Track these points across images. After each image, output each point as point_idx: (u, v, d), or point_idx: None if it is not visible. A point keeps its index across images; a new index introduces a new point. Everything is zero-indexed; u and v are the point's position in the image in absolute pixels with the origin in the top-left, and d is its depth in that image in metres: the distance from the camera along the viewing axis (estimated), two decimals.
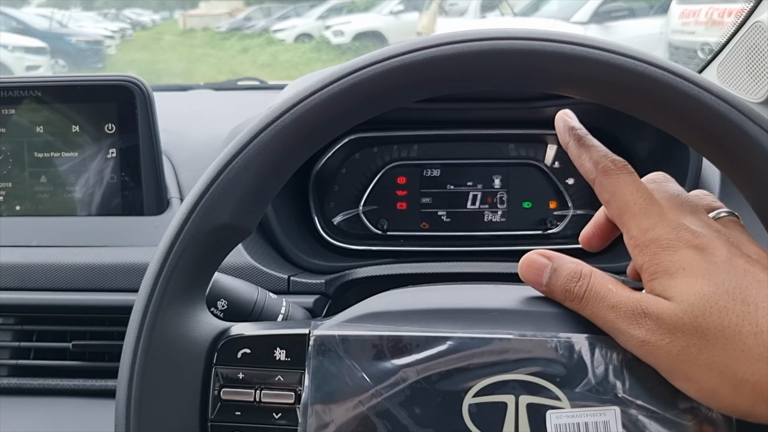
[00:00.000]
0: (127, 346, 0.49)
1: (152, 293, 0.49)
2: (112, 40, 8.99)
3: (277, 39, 8.75)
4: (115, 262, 0.82)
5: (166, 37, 9.81)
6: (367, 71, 0.48)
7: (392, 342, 0.49)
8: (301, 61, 7.80)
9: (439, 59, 0.47)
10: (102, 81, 0.85)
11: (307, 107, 0.49)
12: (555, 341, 0.49)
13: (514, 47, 0.46)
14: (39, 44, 7.41)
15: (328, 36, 8.34)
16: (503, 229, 0.97)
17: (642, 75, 0.45)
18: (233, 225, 0.50)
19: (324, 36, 8.42)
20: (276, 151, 0.49)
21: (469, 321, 0.51)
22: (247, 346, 0.51)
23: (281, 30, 8.74)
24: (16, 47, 7.22)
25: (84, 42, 8.34)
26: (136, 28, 9.98)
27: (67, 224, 0.86)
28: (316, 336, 0.50)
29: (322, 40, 8.42)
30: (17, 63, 7.04)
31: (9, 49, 7.07)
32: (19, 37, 7.44)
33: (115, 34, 9.13)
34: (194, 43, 9.54)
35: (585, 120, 0.93)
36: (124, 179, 0.86)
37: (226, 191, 0.49)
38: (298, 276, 0.82)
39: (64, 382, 0.81)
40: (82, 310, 0.80)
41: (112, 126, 0.86)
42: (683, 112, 0.46)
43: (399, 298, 0.54)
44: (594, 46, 0.46)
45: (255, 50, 8.58)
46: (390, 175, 0.98)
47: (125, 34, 9.48)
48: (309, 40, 8.57)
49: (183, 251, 0.49)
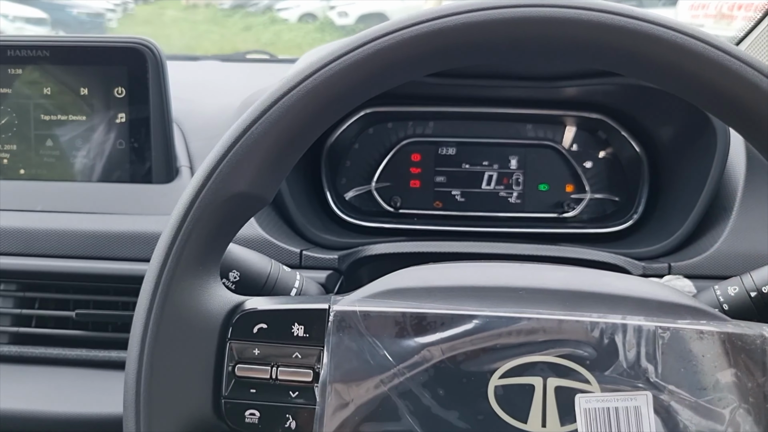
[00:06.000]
0: (137, 317, 0.47)
1: (165, 263, 0.47)
2: (114, 14, 8.91)
3: (281, 18, 8.68)
4: (122, 230, 0.79)
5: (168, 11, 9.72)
6: (395, 36, 0.46)
7: (416, 319, 0.47)
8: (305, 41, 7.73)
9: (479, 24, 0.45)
10: (113, 43, 0.83)
11: (330, 72, 0.47)
12: (586, 322, 0.47)
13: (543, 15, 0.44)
14: (40, 15, 7.34)
15: (332, 17, 8.27)
16: (518, 210, 0.95)
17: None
18: (251, 193, 0.48)
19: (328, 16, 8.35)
20: (298, 118, 0.47)
21: (496, 299, 0.49)
22: (264, 320, 0.49)
23: (285, 9, 8.67)
24: (16, 17, 7.15)
25: (85, 14, 8.28)
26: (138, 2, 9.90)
27: (72, 190, 0.84)
28: (337, 311, 0.48)
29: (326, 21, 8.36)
30: (17, 33, 6.98)
31: (9, 18, 7.00)
32: (20, 6, 7.38)
33: (117, 8, 9.04)
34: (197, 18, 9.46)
35: (607, 102, 0.92)
36: (133, 145, 0.84)
37: (245, 158, 0.47)
38: (311, 251, 0.80)
39: (66, 351, 0.79)
40: (87, 278, 0.78)
41: (122, 90, 0.83)
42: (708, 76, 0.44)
43: (423, 274, 0.52)
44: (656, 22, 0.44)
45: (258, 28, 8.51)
46: (404, 151, 0.96)
47: (127, 7, 9.38)
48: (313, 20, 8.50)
49: (198, 219, 0.47)
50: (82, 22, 8.10)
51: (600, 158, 0.94)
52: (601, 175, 0.94)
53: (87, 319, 0.79)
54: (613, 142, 0.93)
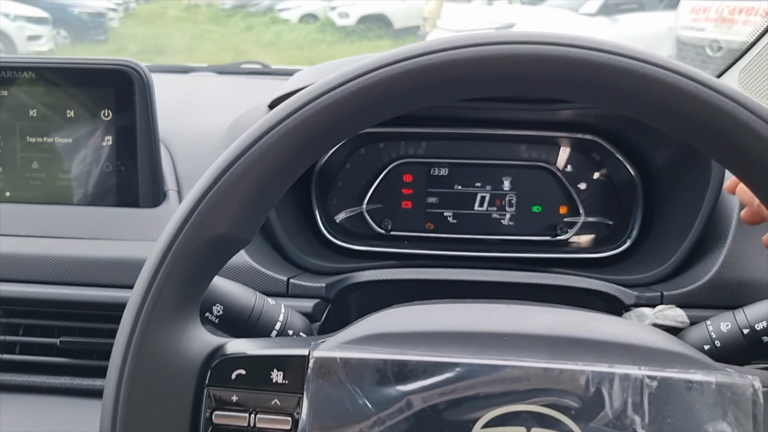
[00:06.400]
0: (113, 362, 0.46)
1: (141, 307, 0.46)
2: (116, 13, 8.93)
3: (282, 18, 8.71)
4: (108, 256, 0.78)
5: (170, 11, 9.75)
6: (378, 74, 0.45)
7: (397, 366, 0.46)
8: (305, 42, 7.76)
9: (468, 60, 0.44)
10: (100, 65, 0.81)
11: (311, 111, 0.46)
12: (571, 371, 0.46)
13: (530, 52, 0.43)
14: (41, 14, 7.36)
15: (333, 17, 8.30)
16: (511, 233, 0.94)
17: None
18: (230, 235, 0.47)
19: (329, 17, 8.38)
20: (277, 159, 0.46)
21: (479, 346, 0.48)
22: (243, 366, 0.48)
23: (286, 9, 8.70)
24: (18, 16, 7.16)
25: (87, 14, 8.29)
26: (140, 2, 9.91)
27: (58, 213, 0.83)
28: (317, 358, 0.47)
29: (327, 21, 8.39)
30: (19, 32, 7.00)
31: (11, 17, 7.01)
32: (22, 5, 7.39)
33: (119, 7, 9.06)
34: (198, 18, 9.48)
35: (601, 124, 0.91)
36: (119, 168, 0.83)
37: (224, 200, 0.46)
38: (298, 278, 0.79)
39: (50, 379, 0.78)
40: (72, 305, 0.77)
41: (109, 112, 0.82)
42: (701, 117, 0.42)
43: (405, 317, 0.51)
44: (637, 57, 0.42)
45: (259, 28, 8.54)
46: (396, 172, 0.95)
47: (129, 7, 9.41)
48: (314, 21, 8.54)
49: (176, 263, 0.46)
50: (84, 21, 8.12)
51: (594, 180, 0.93)
52: (594, 198, 0.93)
53: (71, 347, 0.78)
54: (608, 164, 0.92)
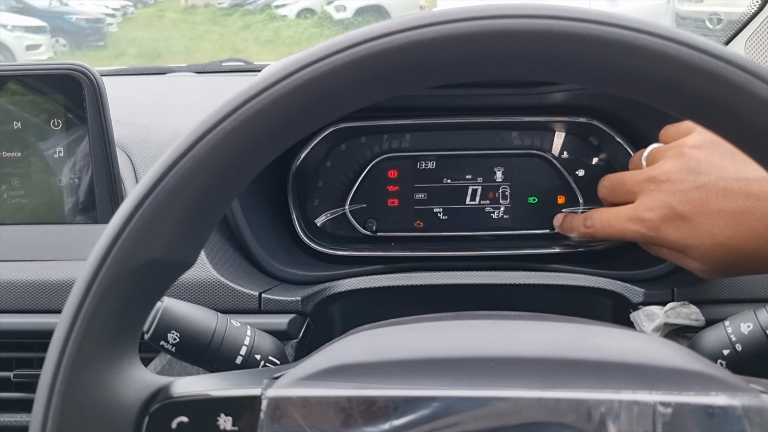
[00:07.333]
0: (35, 413, 0.39)
1: (64, 349, 0.39)
2: (114, 18, 8.94)
3: (279, 15, 8.69)
4: (64, 278, 0.72)
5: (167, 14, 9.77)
6: (349, 53, 0.38)
7: (364, 404, 0.39)
8: (303, 37, 7.74)
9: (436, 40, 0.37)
10: (45, 70, 0.75)
11: (255, 108, 0.39)
12: (569, 400, 0.39)
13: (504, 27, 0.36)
14: (39, 23, 7.39)
15: (330, 11, 8.26)
16: (506, 227, 0.87)
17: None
18: (167, 259, 0.40)
19: (326, 11, 8.35)
20: (216, 167, 0.39)
21: (460, 374, 0.40)
22: (184, 412, 0.41)
23: (283, 5, 8.68)
24: (15, 26, 7.18)
25: (84, 20, 8.30)
26: (138, 6, 9.91)
27: (8, 234, 0.76)
28: (270, 398, 0.40)
29: (324, 16, 8.36)
30: (17, 42, 7.03)
31: (8, 28, 7.03)
32: (19, 16, 7.40)
33: (117, 12, 9.08)
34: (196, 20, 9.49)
35: (597, 105, 0.83)
36: (73, 182, 0.76)
37: (156, 219, 0.39)
38: (271, 292, 0.72)
39: (4, 417, 0.71)
40: (25, 335, 0.71)
41: (59, 121, 0.76)
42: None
43: (371, 343, 0.44)
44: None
45: (257, 26, 8.54)
46: (380, 168, 0.88)
47: (127, 11, 9.42)
48: (311, 16, 8.52)
49: (102, 296, 0.39)
50: (82, 28, 8.12)
51: (592, 165, 0.86)
52: (594, 185, 0.85)
53: (29, 380, 0.71)
54: (606, 148, 0.85)
